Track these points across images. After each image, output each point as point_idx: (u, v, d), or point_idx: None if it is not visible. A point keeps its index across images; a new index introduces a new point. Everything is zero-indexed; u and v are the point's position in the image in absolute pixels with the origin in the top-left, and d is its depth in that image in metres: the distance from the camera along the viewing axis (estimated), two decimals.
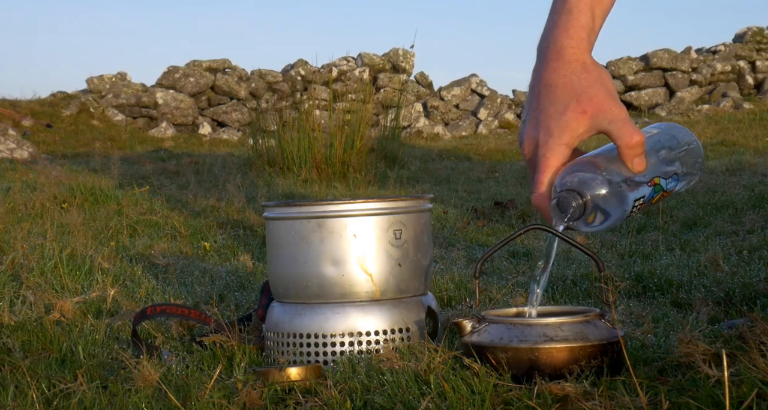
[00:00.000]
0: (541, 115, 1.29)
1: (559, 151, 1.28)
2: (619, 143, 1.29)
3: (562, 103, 1.27)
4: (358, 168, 6.23)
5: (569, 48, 1.29)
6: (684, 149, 1.44)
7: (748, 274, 2.32)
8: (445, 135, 13.04)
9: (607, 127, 1.27)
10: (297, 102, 13.18)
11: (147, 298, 2.39)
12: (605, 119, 1.27)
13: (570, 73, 1.28)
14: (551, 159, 1.29)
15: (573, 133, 1.28)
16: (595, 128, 1.28)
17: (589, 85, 1.27)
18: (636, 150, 1.29)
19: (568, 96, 1.27)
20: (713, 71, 14.48)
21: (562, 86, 1.28)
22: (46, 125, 11.00)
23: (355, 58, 14.55)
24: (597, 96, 1.27)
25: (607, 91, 1.28)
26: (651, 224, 3.69)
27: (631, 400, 1.21)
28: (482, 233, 3.70)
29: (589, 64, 1.29)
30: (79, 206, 4.44)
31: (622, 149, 1.29)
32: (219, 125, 13.52)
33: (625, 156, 1.29)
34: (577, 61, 1.28)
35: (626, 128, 1.28)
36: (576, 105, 1.27)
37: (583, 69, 1.28)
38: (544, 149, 1.29)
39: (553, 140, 1.28)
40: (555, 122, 1.27)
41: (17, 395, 1.51)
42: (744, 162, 6.24)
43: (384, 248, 1.66)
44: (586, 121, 1.27)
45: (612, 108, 1.27)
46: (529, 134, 1.31)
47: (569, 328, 1.36)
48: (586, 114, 1.27)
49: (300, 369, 1.49)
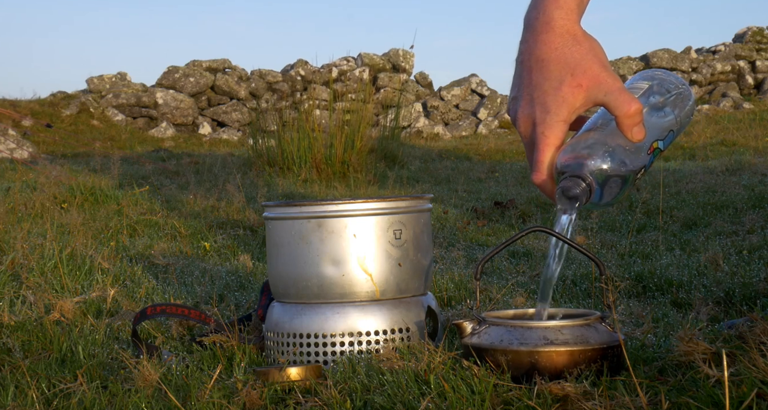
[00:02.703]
0: (535, 91, 1.26)
1: (557, 128, 1.26)
2: (617, 113, 1.26)
3: (556, 78, 1.25)
4: (358, 168, 6.24)
5: (559, 19, 1.26)
6: (675, 94, 1.41)
7: (748, 274, 2.32)
8: (445, 135, 13.04)
9: (604, 99, 1.26)
10: (297, 102, 13.18)
11: (147, 298, 2.39)
12: (601, 90, 1.25)
13: (562, 46, 1.25)
14: (550, 137, 1.27)
15: (570, 107, 1.25)
16: (591, 100, 1.26)
17: (582, 58, 1.25)
18: (635, 119, 1.27)
19: (563, 70, 1.25)
20: (713, 71, 14.49)
21: (555, 60, 1.25)
22: (46, 125, 11.00)
23: (355, 58, 14.55)
24: (591, 68, 1.25)
25: (601, 62, 1.26)
26: (651, 224, 3.69)
27: (631, 400, 1.21)
28: (482, 233, 3.70)
29: (580, 36, 1.26)
30: (79, 206, 4.44)
31: (620, 119, 1.27)
32: (219, 125, 13.52)
33: (624, 126, 1.27)
34: (568, 33, 1.26)
35: (623, 97, 1.26)
36: (571, 79, 1.24)
37: (574, 41, 1.25)
38: (542, 127, 1.26)
39: (550, 117, 1.26)
40: (551, 98, 1.25)
41: (17, 395, 1.51)
42: (744, 162, 6.24)
43: (384, 248, 1.66)
44: (582, 94, 1.25)
45: (607, 79, 1.25)
46: (524, 112, 1.28)
47: (570, 331, 1.35)
48: (582, 88, 1.25)
49: (300, 369, 1.49)
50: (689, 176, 5.48)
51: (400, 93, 11.96)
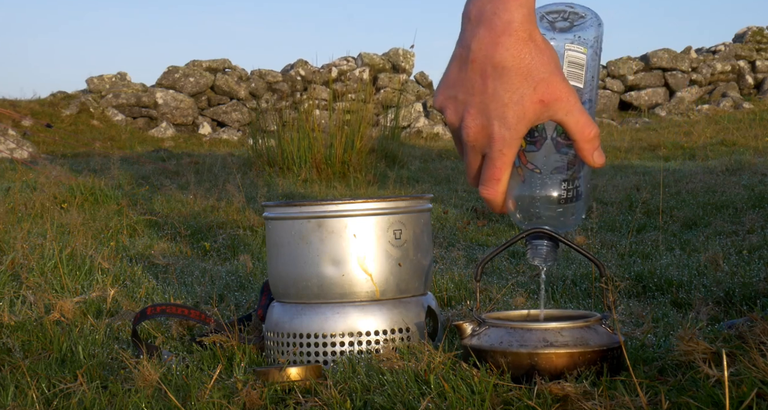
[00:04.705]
0: (492, 102, 1.18)
1: (516, 146, 1.20)
2: (577, 137, 1.21)
3: (517, 90, 1.17)
4: (358, 168, 6.24)
5: (521, 21, 1.15)
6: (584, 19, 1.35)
7: (748, 274, 2.32)
8: (445, 135, 13.04)
9: (564, 118, 1.19)
10: (297, 102, 13.18)
11: (147, 298, 2.39)
12: (562, 109, 1.19)
13: (524, 54, 1.16)
14: (508, 155, 1.20)
15: (528, 123, 1.19)
16: (548, 117, 1.19)
17: (544, 70, 1.17)
18: (594, 143, 1.22)
19: (524, 83, 1.17)
20: (713, 71, 14.50)
21: (516, 70, 1.16)
22: (46, 125, 11.00)
23: (355, 58, 14.55)
24: (553, 83, 1.17)
25: (561, 75, 1.19)
26: (651, 224, 3.69)
27: (631, 400, 1.21)
28: (482, 233, 3.70)
29: (540, 42, 1.18)
30: (79, 206, 4.44)
31: (580, 144, 1.21)
32: (219, 125, 13.52)
33: (584, 151, 1.22)
34: (530, 38, 1.16)
35: (582, 119, 1.20)
36: (533, 93, 1.17)
37: (536, 49, 1.17)
38: (501, 145, 1.19)
39: (510, 134, 1.19)
40: (512, 112, 1.17)
41: (17, 395, 1.51)
42: (744, 162, 6.24)
43: (384, 248, 1.66)
44: (541, 110, 1.18)
45: (569, 97, 1.18)
46: (475, 121, 1.20)
47: (569, 333, 1.35)
48: (543, 103, 1.18)
49: (300, 369, 1.49)
50: (689, 176, 5.49)
51: (400, 93, 11.97)
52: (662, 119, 13.02)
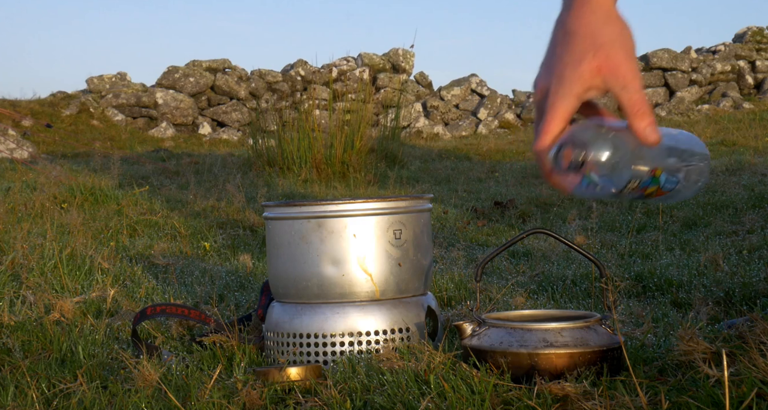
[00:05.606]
0: (556, 63, 1.24)
1: (568, 101, 1.23)
2: (629, 111, 1.23)
3: (578, 52, 1.22)
4: (358, 168, 6.23)
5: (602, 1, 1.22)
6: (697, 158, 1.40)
7: (748, 274, 2.32)
8: (444, 135, 13.03)
9: (619, 92, 1.22)
10: (297, 102, 13.18)
11: (147, 298, 2.39)
12: (619, 83, 1.21)
13: (593, 22, 1.22)
14: (560, 109, 1.23)
15: (585, 85, 1.22)
16: (606, 88, 1.22)
17: (609, 41, 1.21)
18: (646, 120, 1.23)
19: (586, 47, 1.21)
20: (713, 71, 14.49)
21: (582, 35, 1.22)
22: (46, 125, 11.00)
23: (355, 58, 14.55)
24: (615, 55, 1.21)
25: (626, 50, 1.22)
26: (651, 224, 3.69)
27: (631, 400, 1.21)
28: (482, 233, 3.70)
29: (614, 16, 1.23)
30: (79, 206, 4.44)
31: (631, 119, 1.23)
32: (219, 125, 13.52)
33: (635, 126, 1.23)
34: (602, 9, 1.22)
35: (636, 97, 1.22)
36: (592, 58, 1.21)
37: (607, 19, 1.22)
38: (554, 98, 1.23)
39: (563, 89, 1.23)
40: (569, 71, 1.22)
41: (17, 395, 1.51)
42: (744, 162, 6.24)
43: (384, 248, 1.66)
44: (598, 78, 1.21)
45: (627, 72, 1.21)
46: (541, 81, 1.26)
47: (569, 334, 1.35)
48: (599, 70, 1.21)
49: (300, 369, 1.49)
50: None
51: (400, 93, 11.96)
52: (662, 119, 13.01)
